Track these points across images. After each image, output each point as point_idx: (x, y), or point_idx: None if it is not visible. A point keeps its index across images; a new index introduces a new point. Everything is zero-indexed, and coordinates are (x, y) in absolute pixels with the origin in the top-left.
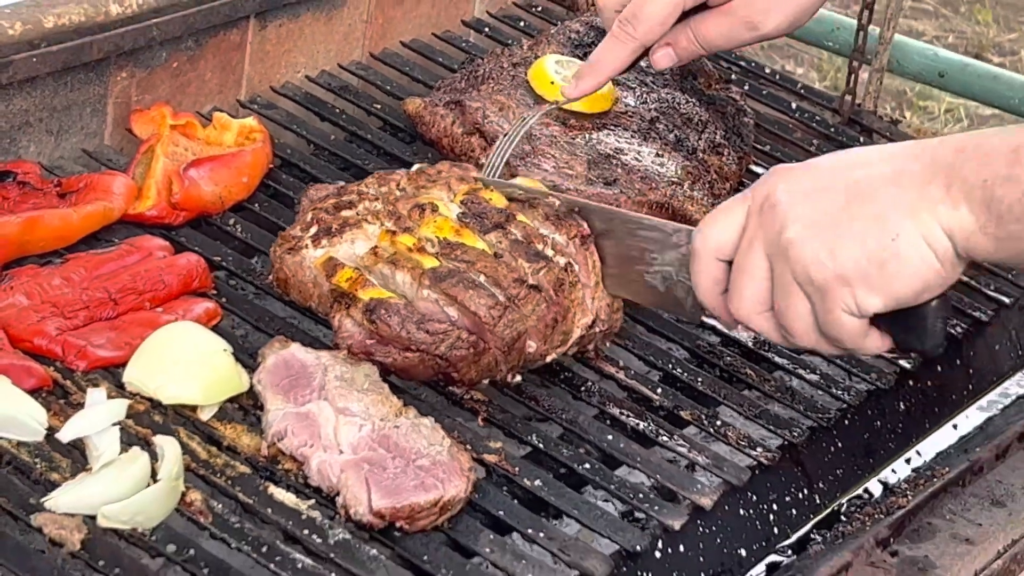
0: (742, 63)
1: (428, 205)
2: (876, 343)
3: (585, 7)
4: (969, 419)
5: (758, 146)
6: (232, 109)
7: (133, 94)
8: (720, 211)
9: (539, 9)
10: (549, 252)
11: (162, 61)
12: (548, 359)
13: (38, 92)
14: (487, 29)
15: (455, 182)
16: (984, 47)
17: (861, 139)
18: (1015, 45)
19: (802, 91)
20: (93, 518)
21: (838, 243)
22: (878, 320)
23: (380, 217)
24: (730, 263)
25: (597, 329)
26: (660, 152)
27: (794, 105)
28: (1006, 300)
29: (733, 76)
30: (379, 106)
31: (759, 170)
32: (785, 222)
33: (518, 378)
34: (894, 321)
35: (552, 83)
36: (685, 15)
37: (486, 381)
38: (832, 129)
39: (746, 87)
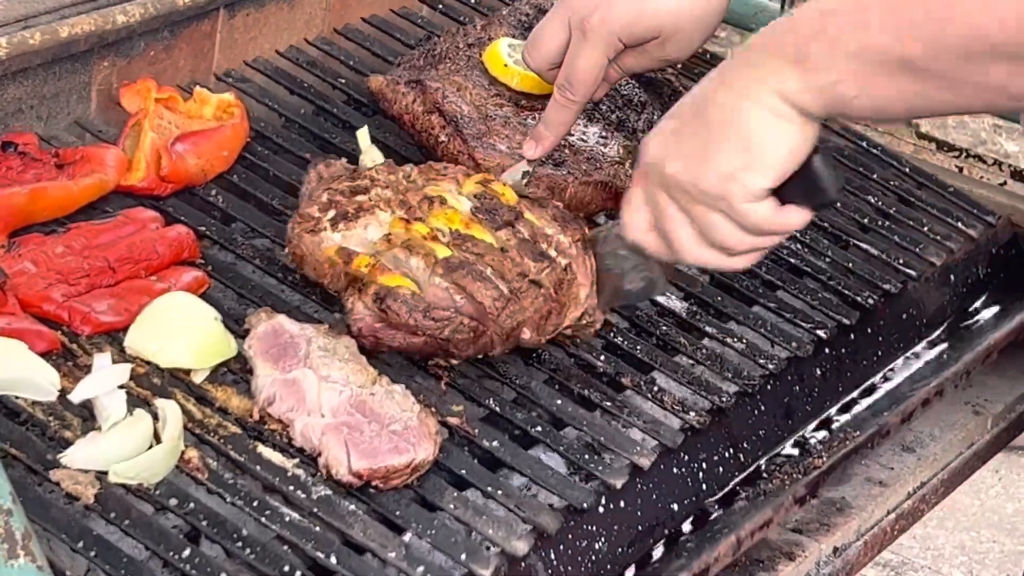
0: None
1: (437, 198)
2: (796, 217)
3: None
4: (879, 384)
5: None
6: (208, 84)
7: (114, 81)
8: (625, 203)
9: None
10: (552, 252)
11: (140, 51)
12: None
13: (29, 81)
14: (441, 5)
15: (462, 177)
16: None
17: None
18: None
19: None
20: (104, 474)
21: (707, 153)
22: (784, 199)
23: (391, 205)
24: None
25: (584, 321)
26: (604, 133)
27: None
28: (913, 273)
29: None
30: (343, 80)
31: None
32: (662, 167)
33: None
34: (795, 191)
35: (505, 66)
36: None
37: None
38: None
39: (680, 67)
